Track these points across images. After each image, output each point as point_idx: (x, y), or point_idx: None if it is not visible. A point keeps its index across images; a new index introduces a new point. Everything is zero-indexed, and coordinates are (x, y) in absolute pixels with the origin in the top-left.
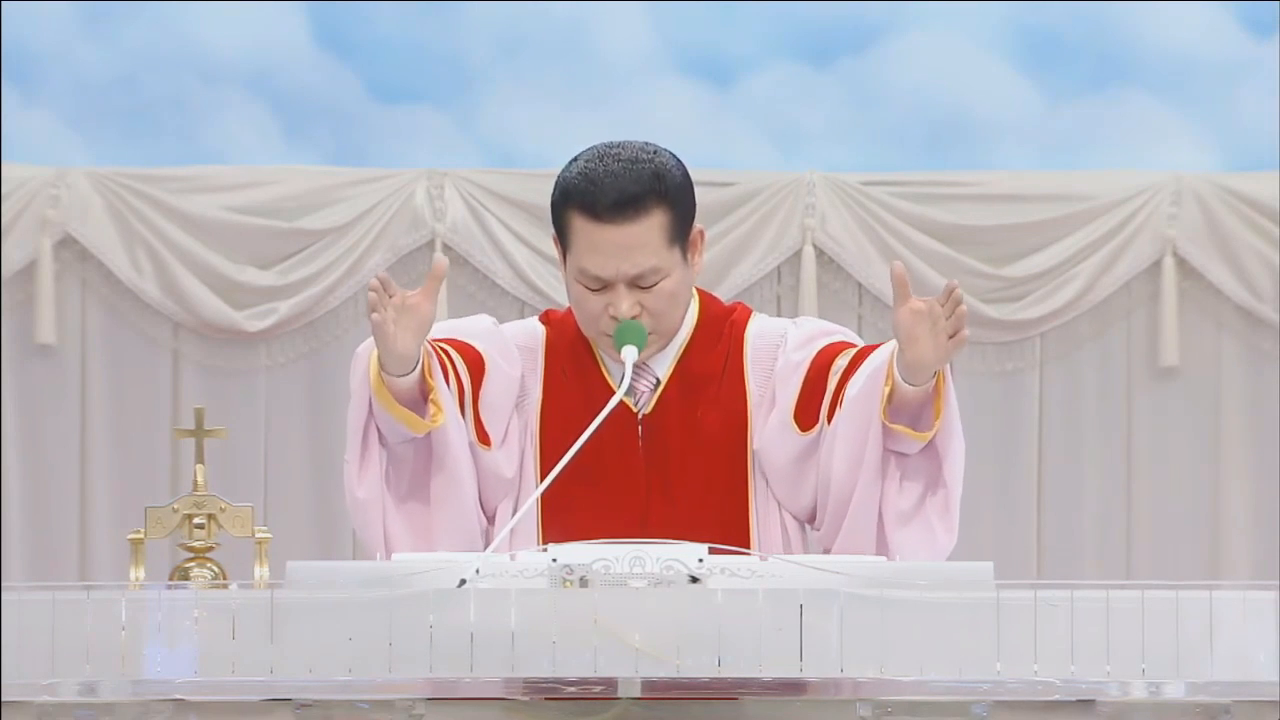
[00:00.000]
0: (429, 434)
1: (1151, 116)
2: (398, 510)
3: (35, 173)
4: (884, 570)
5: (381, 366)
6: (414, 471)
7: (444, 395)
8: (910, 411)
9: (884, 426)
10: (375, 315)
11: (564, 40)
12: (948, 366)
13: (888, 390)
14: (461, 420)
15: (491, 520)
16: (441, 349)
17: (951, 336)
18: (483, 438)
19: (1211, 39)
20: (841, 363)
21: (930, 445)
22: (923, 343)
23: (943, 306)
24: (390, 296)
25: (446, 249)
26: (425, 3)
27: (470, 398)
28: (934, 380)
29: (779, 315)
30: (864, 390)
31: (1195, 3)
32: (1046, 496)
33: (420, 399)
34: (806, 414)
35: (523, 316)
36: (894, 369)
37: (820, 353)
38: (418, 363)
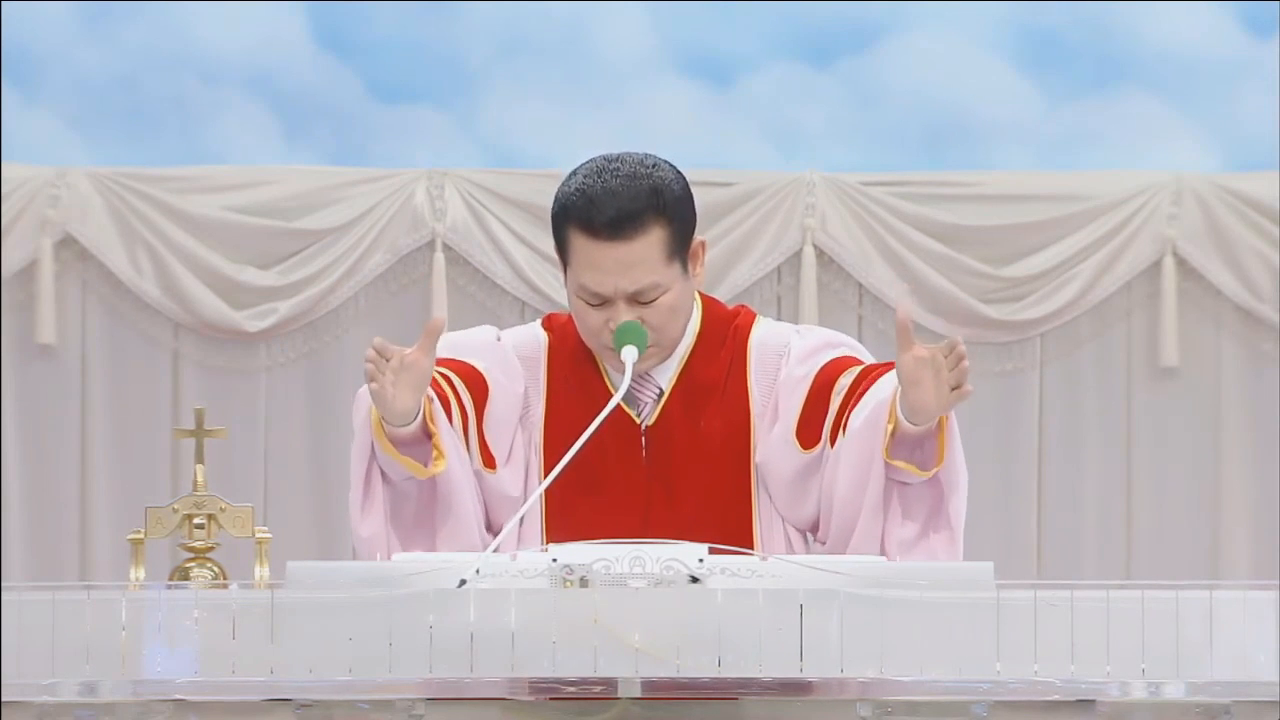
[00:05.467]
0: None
1: (1151, 116)
2: (403, 551)
3: (35, 173)
4: (884, 570)
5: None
6: (418, 508)
7: (446, 439)
8: (911, 444)
9: (886, 463)
10: (373, 385)
11: (564, 40)
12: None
13: (890, 428)
14: (465, 458)
15: None
16: (444, 375)
17: (954, 389)
18: (488, 461)
19: (1211, 39)
20: (844, 382)
21: (934, 479)
22: (925, 388)
23: (945, 358)
24: (387, 360)
25: (446, 249)
26: (425, 3)
27: (474, 422)
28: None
29: (779, 315)
30: (867, 424)
31: (1195, 3)
32: (1046, 496)
33: (424, 437)
34: (808, 432)
35: (523, 316)
36: (897, 408)
37: (823, 369)
38: (419, 411)
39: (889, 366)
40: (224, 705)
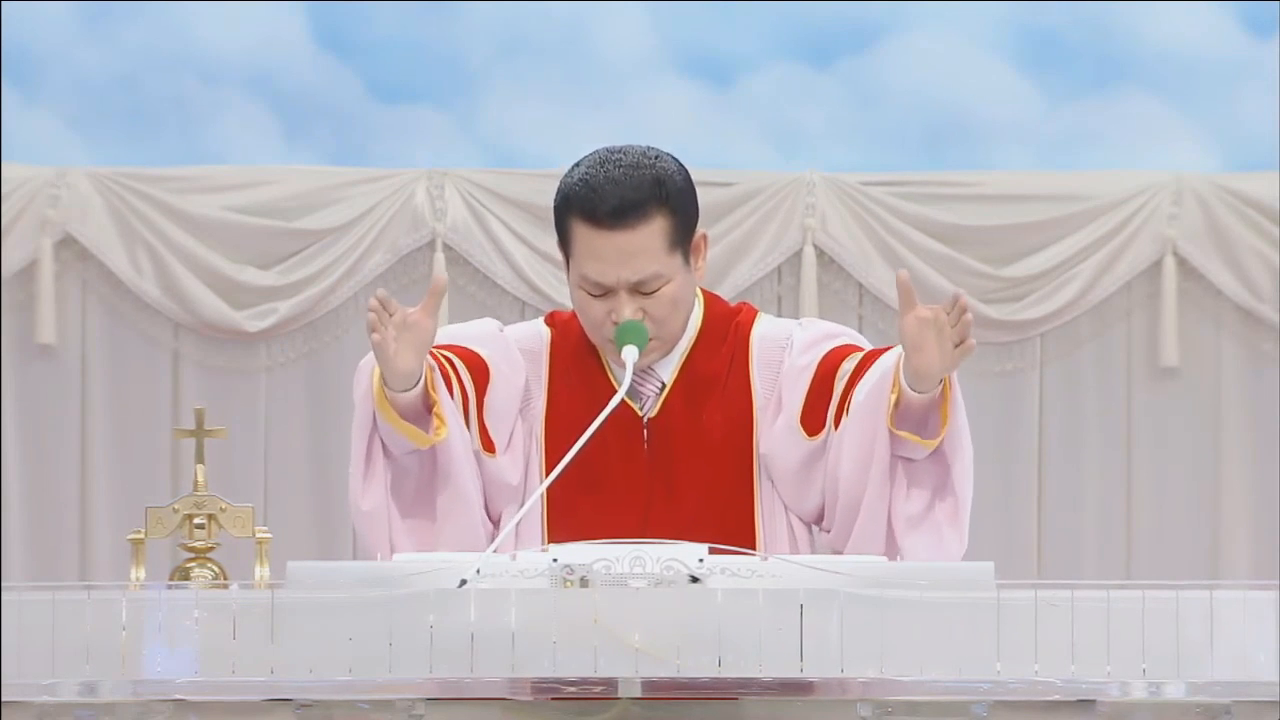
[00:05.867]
0: (433, 446)
1: (1151, 116)
2: (403, 523)
3: (35, 173)
4: (884, 570)
5: (384, 382)
6: (419, 483)
7: (447, 408)
8: (916, 417)
9: (890, 433)
10: (375, 335)
11: (564, 40)
12: (954, 373)
13: (894, 397)
14: (466, 431)
15: (498, 527)
16: (445, 357)
17: (958, 345)
18: (487, 445)
19: (1211, 39)
20: (848, 366)
21: (938, 451)
22: (929, 350)
23: (949, 314)
24: (390, 315)
25: (446, 249)
26: (425, 3)
27: (475, 405)
28: (940, 387)
29: (779, 315)
30: (871, 396)
31: (1195, 3)
32: (1046, 496)
33: (424, 411)
34: (813, 419)
35: (523, 316)
36: (900, 376)
37: (826, 356)
38: (420, 378)
39: (891, 348)
40: (224, 705)
